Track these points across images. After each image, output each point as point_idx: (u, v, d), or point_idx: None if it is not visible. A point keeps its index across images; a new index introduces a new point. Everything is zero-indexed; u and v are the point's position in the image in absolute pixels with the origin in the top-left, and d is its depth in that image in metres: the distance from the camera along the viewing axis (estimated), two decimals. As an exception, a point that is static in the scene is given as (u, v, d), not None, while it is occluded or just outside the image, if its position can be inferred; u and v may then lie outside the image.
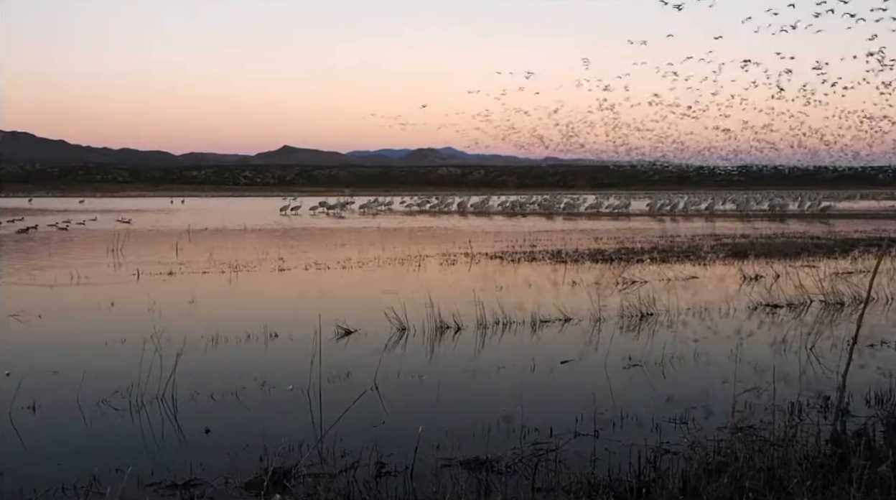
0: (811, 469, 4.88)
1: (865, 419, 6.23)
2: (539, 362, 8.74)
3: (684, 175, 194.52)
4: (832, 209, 52.55)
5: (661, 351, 9.06)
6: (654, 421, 6.53)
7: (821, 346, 9.39)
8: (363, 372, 8.07)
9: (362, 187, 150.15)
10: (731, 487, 4.59)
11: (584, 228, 35.87)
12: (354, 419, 6.37)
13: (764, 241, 26.11)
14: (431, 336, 10.20)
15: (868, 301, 7.66)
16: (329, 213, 54.53)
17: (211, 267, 18.12)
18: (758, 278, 15.69)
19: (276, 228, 36.67)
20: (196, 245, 25.22)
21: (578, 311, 11.62)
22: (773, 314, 12.02)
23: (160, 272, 17.09)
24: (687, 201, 61.83)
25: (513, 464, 5.56)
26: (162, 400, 7.17)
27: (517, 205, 62.56)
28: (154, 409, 7.00)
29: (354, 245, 25.39)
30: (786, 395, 7.01)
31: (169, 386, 7.29)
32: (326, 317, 9.94)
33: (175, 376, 7.35)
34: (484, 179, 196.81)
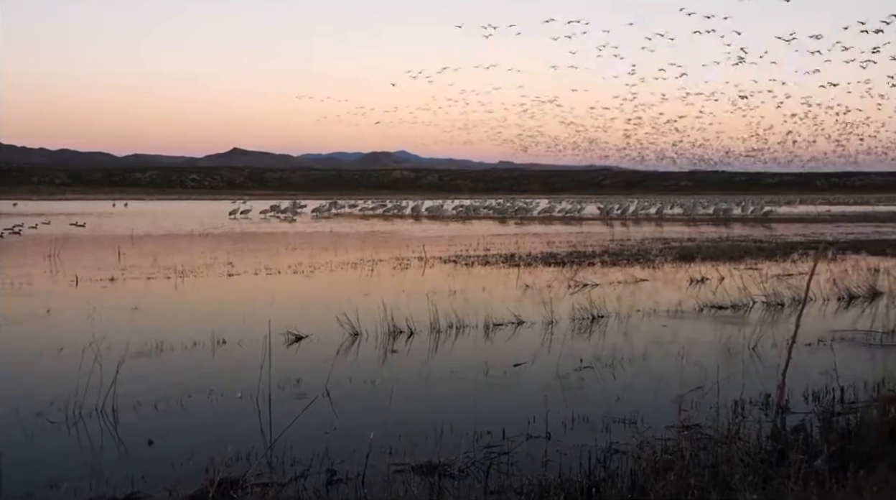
0: (753, 465, 5.03)
1: (804, 416, 6.44)
2: (492, 365, 8.78)
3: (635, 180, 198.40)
4: (773, 214, 54.19)
5: (612, 353, 9.21)
6: (605, 422, 6.63)
7: (762, 345, 9.66)
8: (314, 378, 7.98)
9: (315, 191, 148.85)
10: (678, 484, 4.69)
11: (537, 232, 36.23)
12: (305, 426, 6.31)
13: (710, 244, 26.77)
14: (384, 341, 10.15)
15: (806, 302, 7.95)
16: (281, 216, 53.85)
17: (156, 272, 17.69)
18: (704, 281, 16.08)
19: (226, 232, 36.03)
20: (140, 250, 24.58)
21: (531, 314, 11.72)
22: (718, 315, 12.33)
23: (101, 278, 16.58)
24: (637, 206, 63.01)
25: (465, 468, 5.57)
26: (101, 412, 6.95)
27: (471, 209, 62.82)
28: (93, 421, 6.77)
29: (306, 249, 25.12)
30: (730, 393, 7.19)
31: (109, 397, 7.06)
32: (277, 323, 9.80)
33: (116, 386, 7.13)
34: (438, 182, 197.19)
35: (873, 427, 5.75)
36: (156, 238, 31.18)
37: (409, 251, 23.61)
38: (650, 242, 27.64)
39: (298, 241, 29.92)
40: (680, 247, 25.18)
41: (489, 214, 59.97)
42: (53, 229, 36.13)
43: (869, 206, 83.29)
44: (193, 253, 23.45)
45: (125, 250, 23.35)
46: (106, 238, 30.58)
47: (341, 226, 42.75)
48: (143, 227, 38.95)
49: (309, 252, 23.86)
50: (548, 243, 27.47)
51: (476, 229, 39.14)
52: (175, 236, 32.45)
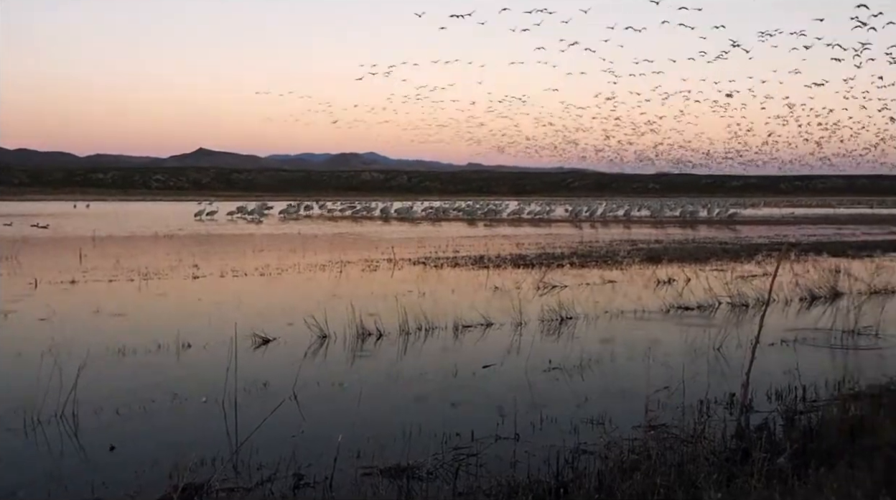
0: (717, 464, 5.09)
1: (767, 414, 6.55)
2: (461, 367, 8.78)
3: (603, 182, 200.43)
4: (738, 216, 55.18)
5: (580, 354, 9.27)
6: (573, 423, 6.66)
7: (727, 345, 9.81)
8: (281, 381, 7.89)
9: (283, 192, 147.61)
10: (644, 484, 4.73)
11: (506, 234, 36.37)
12: (272, 429, 6.24)
13: (676, 246, 27.14)
14: (353, 343, 10.09)
15: (769, 303, 8.08)
16: (248, 218, 53.25)
17: (118, 275, 17.34)
18: (670, 282, 16.28)
19: (191, 233, 35.51)
20: (102, 252, 24.08)
21: (500, 316, 11.75)
22: (684, 316, 12.49)
23: (61, 281, 16.19)
24: (605, 208, 63.66)
25: (434, 470, 5.55)
26: (61, 417, 6.78)
27: (441, 210, 62.85)
28: (52, 427, 6.60)
29: (274, 251, 24.87)
30: (695, 393, 7.29)
31: (69, 402, 6.89)
32: (243, 325, 9.70)
33: (76, 391, 6.96)
34: (407, 184, 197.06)
35: (834, 425, 5.86)
36: (118, 240, 30.58)
37: (378, 253, 23.52)
38: (618, 244, 27.92)
39: (266, 243, 29.62)
40: (647, 249, 25.48)
41: (459, 215, 60.07)
42: (14, 231, 35.27)
43: (830, 208, 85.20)
44: (157, 255, 23.06)
45: (87, 252, 22.86)
46: (67, 240, 29.90)
47: (309, 228, 42.43)
48: (106, 228, 38.17)
49: (276, 254, 23.63)
50: (517, 245, 27.59)
51: (445, 231, 39.16)
52: (138, 238, 31.86)
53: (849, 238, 32.26)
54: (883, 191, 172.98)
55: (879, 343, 10.21)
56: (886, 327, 11.03)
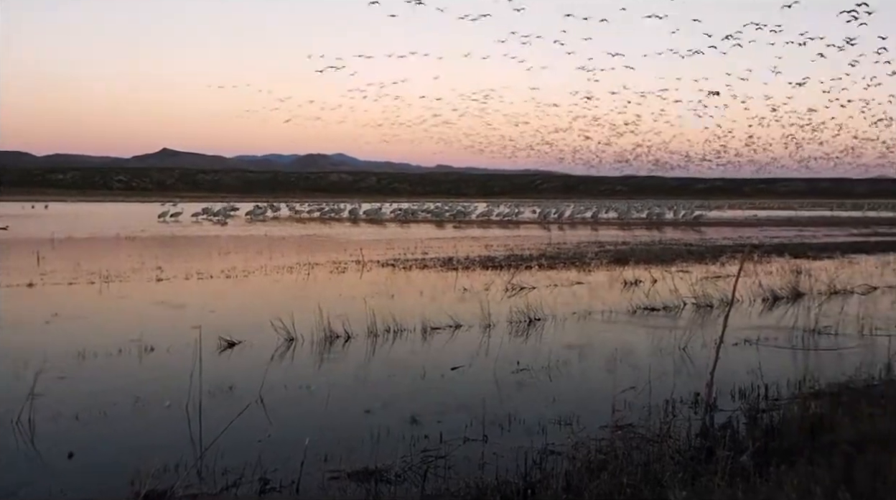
0: (683, 462, 5.16)
1: (731, 413, 6.65)
2: (429, 369, 8.76)
3: (571, 184, 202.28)
4: (703, 218, 56.07)
5: (548, 355, 9.31)
6: (541, 423, 6.69)
7: (692, 345, 9.94)
8: (247, 385, 7.79)
9: (249, 193, 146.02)
10: (611, 483, 4.76)
11: (475, 236, 36.44)
12: (237, 434, 6.15)
13: (643, 248, 27.46)
14: (320, 346, 10.01)
15: (732, 304, 8.21)
16: (213, 219, 52.56)
17: (78, 277, 16.94)
18: (637, 283, 16.46)
19: (155, 235, 34.91)
20: (61, 254, 23.54)
21: (469, 317, 11.75)
22: (651, 317, 12.63)
23: (17, 284, 15.77)
24: (573, 210, 64.20)
25: (402, 472, 5.53)
26: (17, 423, 6.59)
27: (409, 212, 62.77)
28: (8, 433, 6.42)
29: (240, 253, 24.57)
30: (661, 393, 7.37)
31: (26, 408, 6.70)
32: (208, 329, 9.54)
33: (34, 396, 6.79)
34: (376, 185, 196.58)
35: (795, 423, 5.98)
36: (78, 242, 29.90)
37: (346, 255, 23.38)
38: (586, 246, 28.16)
39: (232, 244, 29.25)
40: (614, 250, 25.73)
41: (428, 217, 60.06)
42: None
43: (792, 210, 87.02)
44: (119, 257, 22.61)
45: (45, 255, 22.31)
46: (24, 242, 29.14)
47: (277, 229, 42.02)
48: (65, 230, 37.28)
49: (243, 256, 23.34)
50: (486, 247, 27.66)
51: (414, 233, 39.11)
52: (100, 240, 31.19)
53: (810, 240, 32.97)
54: (843, 194, 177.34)
55: (839, 343, 10.44)
56: (846, 327, 11.29)
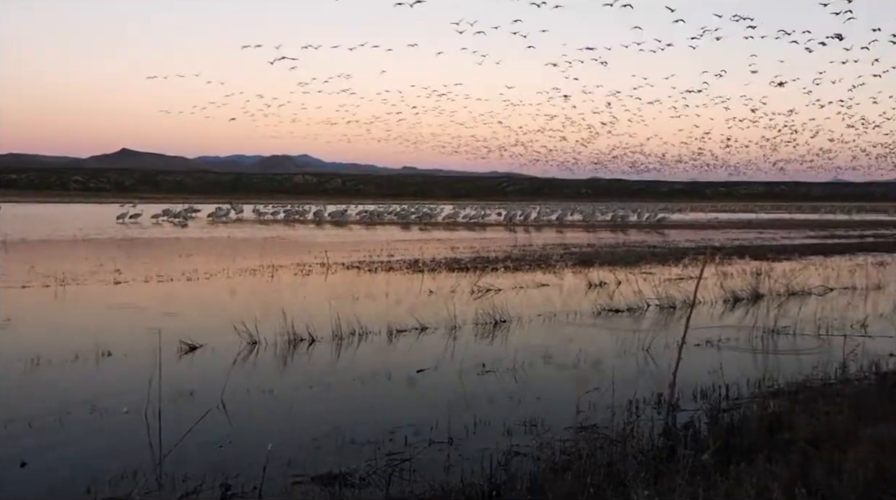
0: (645, 462, 5.21)
1: (693, 413, 6.73)
2: (395, 372, 8.73)
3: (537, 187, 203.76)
4: (667, 221, 56.88)
5: (513, 357, 9.34)
6: (506, 425, 6.70)
7: (656, 346, 10.06)
8: (209, 390, 7.66)
9: (212, 195, 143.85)
10: (575, 483, 4.79)
11: (441, 238, 36.44)
12: (198, 440, 6.05)
13: (607, 250, 27.75)
14: (284, 349, 9.89)
15: (694, 305, 8.34)
16: (174, 221, 51.67)
17: (32, 280, 16.46)
18: (602, 285, 16.62)
19: (113, 237, 34.16)
20: (15, 256, 22.89)
21: (435, 320, 11.74)
22: (615, 318, 12.76)
23: (-27, 288, 15.32)
24: (539, 212, 64.62)
25: (367, 476, 5.49)
26: (-30, 432, 6.39)
27: (375, 214, 62.53)
28: (-39, 442, 6.22)
29: (202, 255, 24.17)
30: (625, 394, 7.44)
31: (-21, 416, 6.52)
32: (168, 332, 9.38)
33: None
34: (342, 187, 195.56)
35: (754, 422, 6.08)
36: (33, 244, 29.08)
37: (311, 257, 23.18)
38: (551, 248, 28.35)
39: (193, 247, 28.78)
40: (580, 252, 25.96)
41: (394, 219, 59.91)
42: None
43: (753, 213, 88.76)
44: (76, 260, 22.03)
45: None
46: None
47: (240, 231, 41.50)
48: (19, 231, 36.29)
49: (205, 258, 22.97)
50: (452, 249, 27.68)
51: (380, 235, 38.98)
52: (55, 242, 30.34)
53: (769, 242, 33.68)
54: (800, 197, 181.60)
55: (797, 343, 10.67)
56: (804, 327, 11.54)
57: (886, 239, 36.63)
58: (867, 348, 9.71)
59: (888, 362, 9.01)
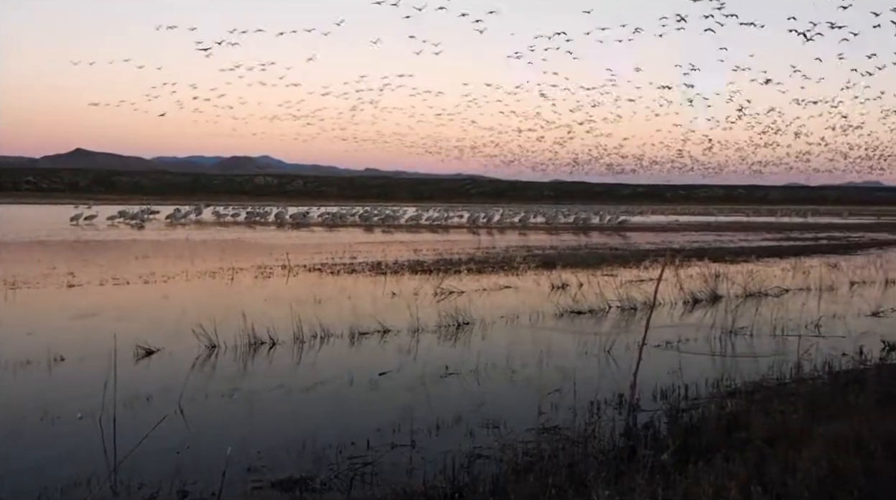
0: (606, 462, 5.25)
1: (653, 413, 6.82)
2: (357, 375, 8.66)
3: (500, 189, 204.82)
4: (628, 223, 57.64)
5: (476, 359, 9.35)
6: (469, 427, 6.70)
7: (617, 348, 10.17)
8: (166, 395, 7.51)
9: (170, 196, 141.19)
10: (537, 485, 4.80)
11: (404, 240, 36.36)
12: (155, 445, 5.92)
13: (570, 252, 28.00)
14: (244, 353, 9.74)
15: (654, 307, 8.45)
16: (130, 223, 50.57)
17: (-18, 284, 15.97)
18: (564, 287, 16.75)
19: (67, 239, 33.28)
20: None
21: (397, 322, 11.69)
22: (577, 320, 12.87)
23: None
24: (502, 214, 64.90)
25: (328, 481, 5.43)
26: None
27: (338, 216, 62.11)
28: None
29: (159, 258, 23.69)
30: (587, 395, 7.50)
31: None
32: (124, 336, 9.14)
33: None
34: (303, 189, 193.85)
35: (712, 421, 6.18)
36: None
37: (272, 259, 22.91)
38: (514, 250, 28.49)
39: (151, 249, 28.20)
40: (542, 255, 26.13)
41: (356, 221, 59.59)
42: None
43: (711, 216, 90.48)
44: (28, 263, 21.39)
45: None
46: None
47: (199, 233, 40.83)
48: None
49: (162, 261, 22.51)
50: (415, 251, 27.63)
51: (342, 237, 38.72)
52: (6, 245, 29.43)
53: (727, 244, 34.35)
54: (757, 200, 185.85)
55: (754, 343, 10.89)
56: (760, 328, 11.79)
57: (839, 241, 37.67)
58: (820, 347, 9.95)
59: (840, 361, 9.25)
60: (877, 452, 5.17)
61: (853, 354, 9.64)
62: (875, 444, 5.27)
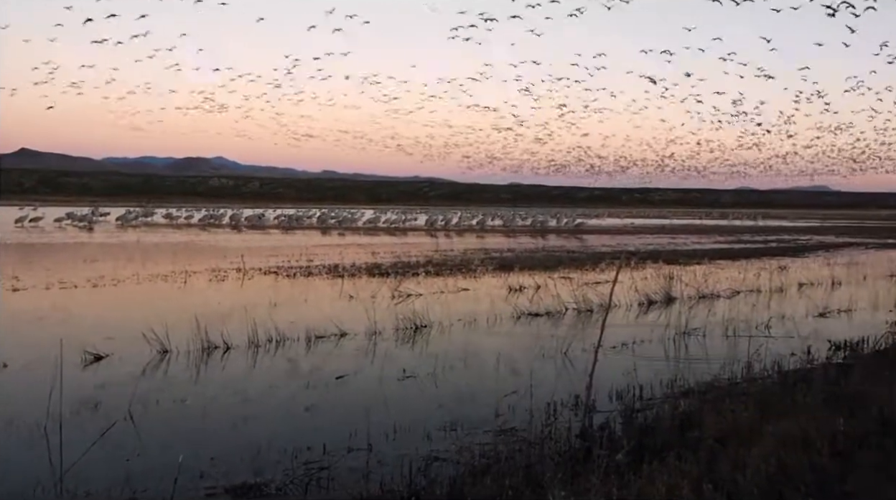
0: (562, 463, 5.29)
1: (608, 414, 6.90)
2: (314, 379, 8.57)
3: (458, 192, 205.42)
4: (585, 226, 58.34)
5: (434, 362, 9.33)
6: (426, 430, 6.67)
7: (573, 349, 10.26)
8: (116, 401, 7.31)
9: (120, 198, 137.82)
10: (494, 486, 4.81)
11: (362, 243, 36.17)
12: (103, 453, 5.77)
13: (527, 255, 28.20)
14: (197, 358, 9.55)
15: (609, 309, 8.56)
16: (79, 225, 49.19)
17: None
18: (521, 290, 16.85)
19: (11, 242, 32.20)
20: None
21: (355, 325, 11.60)
22: (534, 322, 12.95)
23: None
24: (460, 217, 65.04)
25: (283, 486, 5.36)
26: None
27: (294, 218, 61.44)
28: None
29: (109, 261, 23.07)
30: (543, 396, 7.54)
31: None
32: (71, 342, 8.88)
33: None
34: (259, 191, 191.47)
35: (666, 421, 6.28)
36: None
37: (226, 262, 22.52)
38: (472, 253, 28.57)
39: (100, 252, 27.48)
40: (500, 257, 26.26)
41: (313, 223, 59.04)
42: None
43: (666, 219, 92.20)
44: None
45: None
46: None
47: (151, 235, 39.96)
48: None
49: (112, 264, 21.94)
50: (373, 254, 27.50)
51: (299, 240, 38.32)
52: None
53: (681, 247, 35.02)
54: (710, 204, 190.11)
55: (706, 343, 11.11)
56: (712, 329, 12.04)
57: (788, 244, 38.75)
58: (770, 348, 10.19)
59: (789, 361, 9.49)
60: (823, 449, 5.31)
61: (801, 354, 9.90)
62: (821, 441, 5.42)
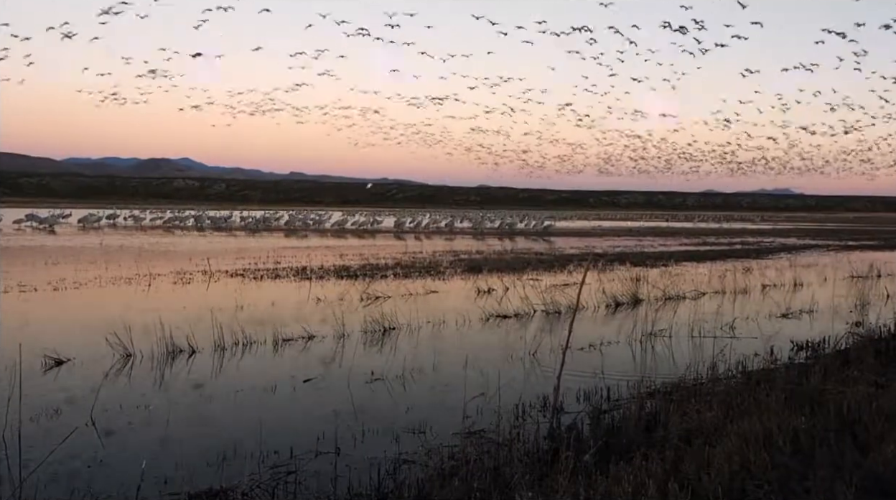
0: (530, 464, 5.31)
1: (576, 415, 6.93)
2: (281, 382, 8.49)
3: (427, 194, 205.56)
4: (553, 228, 58.75)
5: (402, 364, 9.31)
6: (395, 433, 6.65)
7: (542, 351, 10.32)
8: (77, 407, 7.16)
9: (82, 199, 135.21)
10: (462, 489, 4.81)
11: (329, 245, 35.95)
12: (64, 460, 5.64)
13: (496, 257, 28.30)
14: (161, 362, 9.39)
15: (577, 310, 8.63)
16: (39, 227, 48.12)
17: None
18: (490, 292, 16.90)
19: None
20: None
21: (322, 328, 11.52)
22: (503, 324, 13.00)
23: None
24: (429, 219, 65.06)
25: (249, 491, 5.29)
26: None
27: (261, 220, 60.86)
28: None
29: (70, 264, 22.58)
30: (511, 398, 7.56)
31: None
32: (31, 346, 8.69)
33: None
34: (225, 192, 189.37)
35: (633, 421, 6.34)
36: None
37: (191, 265, 22.22)
38: (441, 255, 28.58)
39: (62, 255, 26.88)
40: (469, 259, 26.31)
41: (280, 226, 58.54)
42: None
43: (633, 222, 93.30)
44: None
45: None
46: None
47: (114, 238, 39.22)
48: None
49: (74, 267, 21.47)
50: (341, 256, 27.35)
51: (266, 242, 37.96)
52: None
53: (648, 249, 35.45)
54: (676, 206, 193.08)
55: (672, 344, 11.27)
56: (678, 330, 12.20)
57: (752, 246, 39.46)
58: (734, 348, 10.35)
59: (753, 361, 9.65)
60: (784, 447, 5.42)
61: (765, 354, 10.08)
62: (783, 439, 5.52)
